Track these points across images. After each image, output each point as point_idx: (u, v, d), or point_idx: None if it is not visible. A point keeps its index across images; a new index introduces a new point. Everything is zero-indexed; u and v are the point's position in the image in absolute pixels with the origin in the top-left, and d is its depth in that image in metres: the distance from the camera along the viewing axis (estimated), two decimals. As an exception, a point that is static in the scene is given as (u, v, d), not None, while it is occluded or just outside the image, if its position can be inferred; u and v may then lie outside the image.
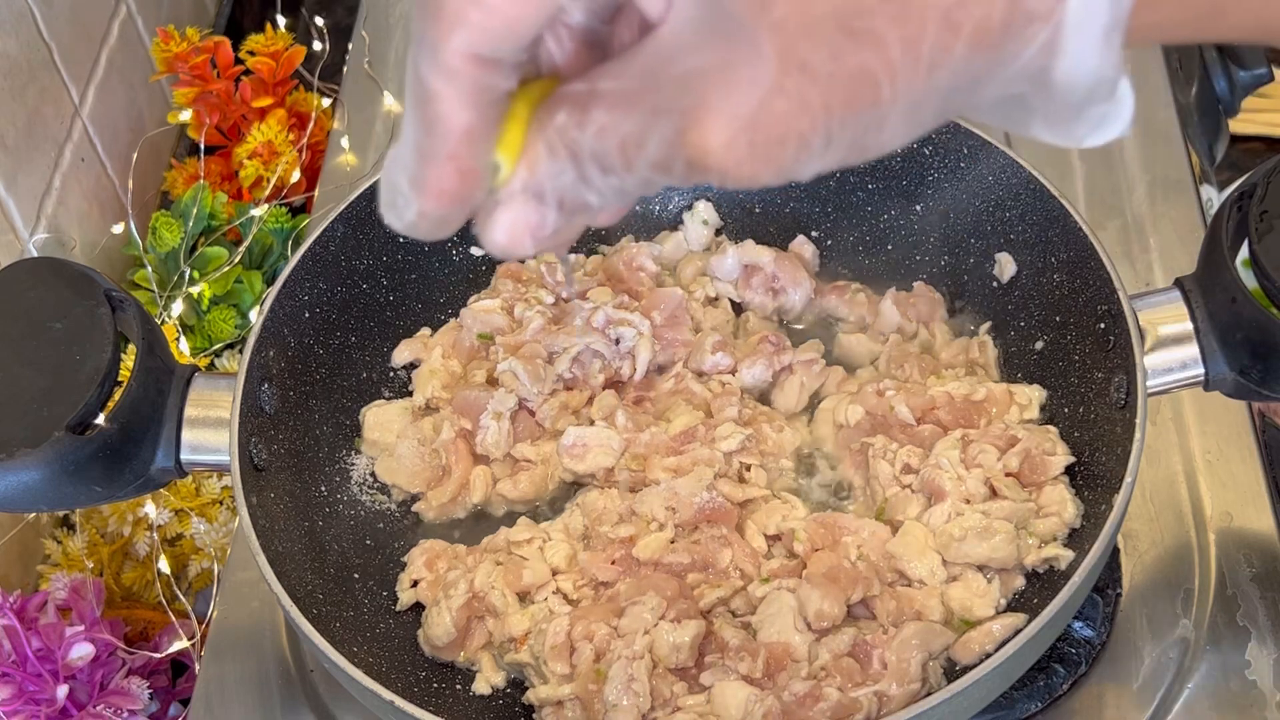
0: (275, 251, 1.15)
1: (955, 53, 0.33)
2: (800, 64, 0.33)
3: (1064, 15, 0.33)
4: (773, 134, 0.34)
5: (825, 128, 0.34)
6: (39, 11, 1.07)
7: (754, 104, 0.33)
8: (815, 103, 0.33)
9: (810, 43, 0.32)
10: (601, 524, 0.77)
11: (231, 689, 0.83)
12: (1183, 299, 0.73)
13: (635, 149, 0.35)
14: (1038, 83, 0.34)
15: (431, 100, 0.36)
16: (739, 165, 0.35)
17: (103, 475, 0.71)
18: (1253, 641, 0.79)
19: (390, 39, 1.26)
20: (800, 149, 0.34)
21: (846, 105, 0.33)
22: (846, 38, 0.32)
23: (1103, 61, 0.34)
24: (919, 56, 0.33)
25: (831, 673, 0.68)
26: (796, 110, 0.33)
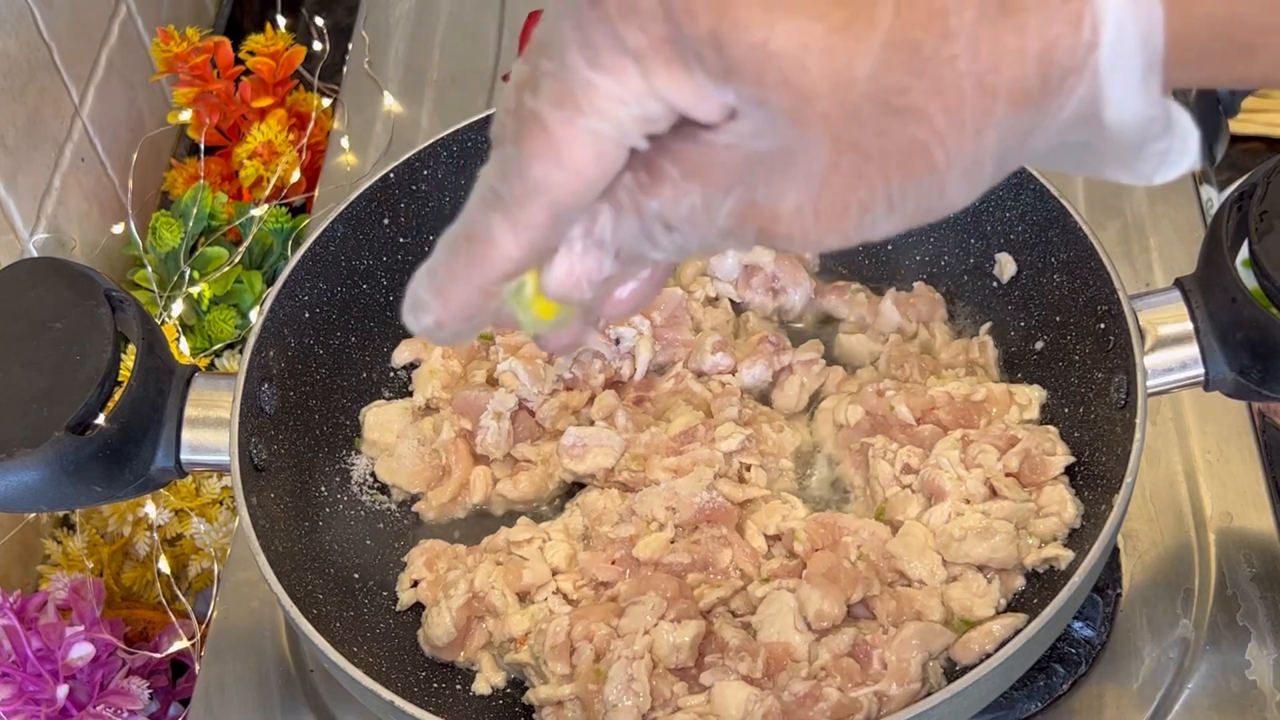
0: (275, 251, 1.15)
1: (997, 113, 0.34)
2: (851, 144, 0.35)
3: (1098, 64, 0.34)
4: (835, 205, 0.36)
5: (885, 196, 0.36)
6: (39, 11, 1.07)
7: (815, 181, 0.36)
8: (872, 175, 0.35)
9: (856, 125, 0.34)
10: (601, 524, 0.77)
11: (231, 689, 0.83)
12: (1183, 299, 0.73)
13: (704, 215, 0.38)
14: (1092, 129, 0.36)
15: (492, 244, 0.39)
16: (805, 234, 0.37)
17: (103, 475, 0.71)
18: (1253, 641, 0.79)
19: (390, 39, 1.26)
20: (863, 216, 0.37)
21: (903, 174, 0.35)
22: (890, 116, 0.34)
23: (1148, 102, 0.35)
24: (962, 122, 0.34)
25: (831, 673, 0.68)
26: (854, 183, 0.36)
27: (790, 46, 0.33)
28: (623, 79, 0.35)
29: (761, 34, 0.33)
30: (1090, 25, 0.33)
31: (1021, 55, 0.33)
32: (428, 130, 1.16)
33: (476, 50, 1.24)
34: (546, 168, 0.37)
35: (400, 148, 1.11)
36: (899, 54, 0.33)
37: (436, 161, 0.89)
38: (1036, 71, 0.34)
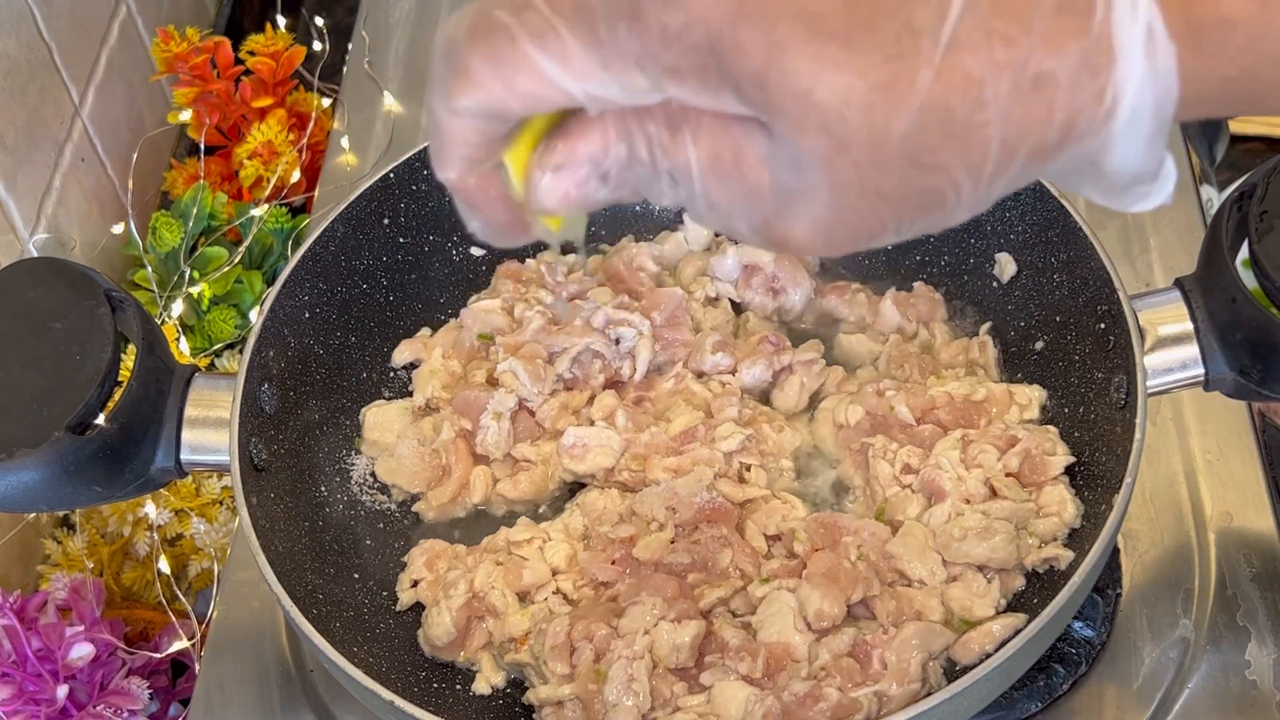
0: (275, 251, 1.15)
1: (1013, 169, 0.37)
2: (874, 190, 0.37)
3: (1111, 129, 0.36)
4: (847, 234, 0.39)
5: (895, 228, 0.38)
6: (39, 11, 1.07)
7: (832, 216, 0.38)
8: (886, 214, 0.38)
9: (881, 175, 0.36)
10: (601, 524, 0.77)
11: (231, 689, 0.83)
12: (1183, 299, 0.73)
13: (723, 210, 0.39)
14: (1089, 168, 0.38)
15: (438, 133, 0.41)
16: (814, 250, 0.39)
17: (103, 475, 0.71)
18: (1253, 641, 0.79)
19: (390, 39, 1.26)
20: (872, 242, 0.39)
21: (916, 213, 0.38)
22: (915, 169, 0.36)
23: (1148, 158, 0.37)
24: (981, 176, 0.36)
25: (831, 673, 0.68)
26: (868, 219, 0.38)
27: (833, 99, 0.35)
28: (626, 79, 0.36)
29: (808, 83, 0.35)
30: (1111, 97, 0.35)
31: (1047, 124, 0.35)
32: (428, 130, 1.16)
33: (476, 50, 1.23)
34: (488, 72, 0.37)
35: (400, 148, 1.11)
36: (934, 117, 0.35)
37: (436, 161, 0.89)
38: (1057, 136, 0.36)
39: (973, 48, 0.34)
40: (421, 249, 0.90)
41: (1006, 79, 0.35)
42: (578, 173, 0.40)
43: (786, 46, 0.34)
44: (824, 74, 0.34)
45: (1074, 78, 0.35)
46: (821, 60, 0.34)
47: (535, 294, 0.88)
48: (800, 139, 0.36)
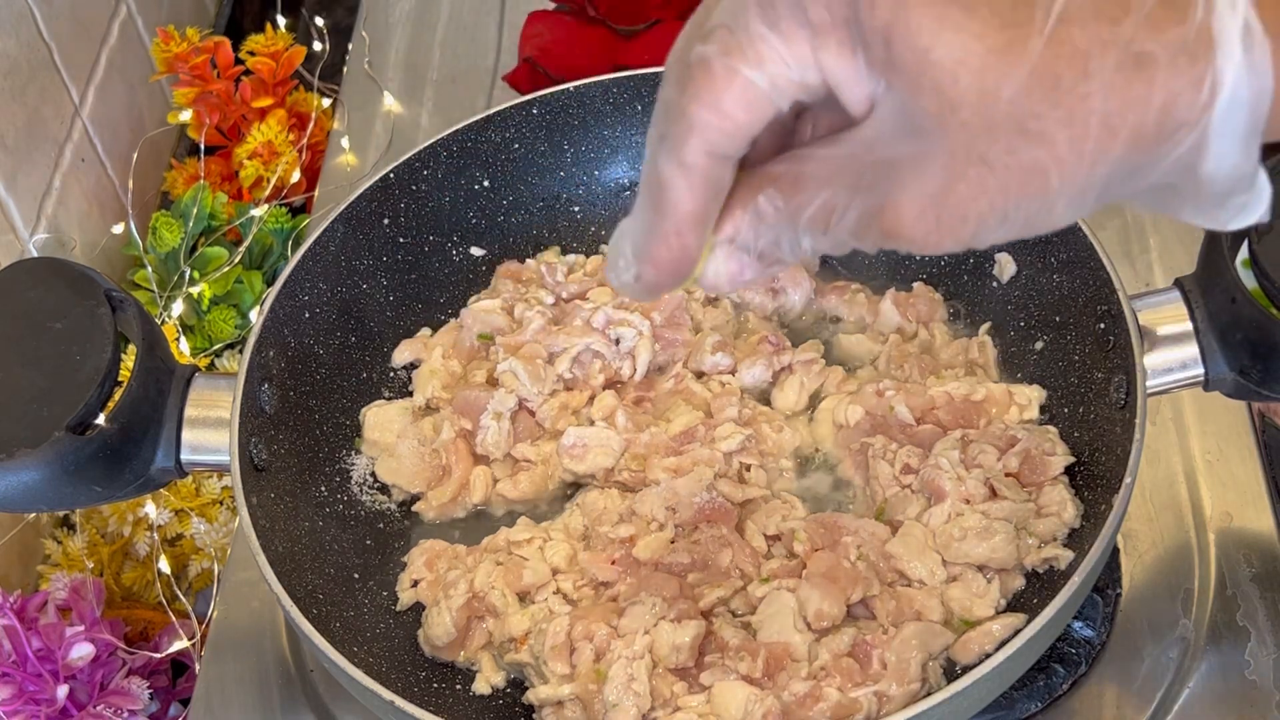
0: (275, 251, 1.15)
1: (1114, 151, 0.38)
2: (980, 156, 0.38)
3: (1210, 122, 0.38)
4: (956, 213, 0.40)
5: (1001, 209, 0.39)
6: (39, 11, 1.07)
7: (940, 187, 0.39)
8: (992, 187, 0.39)
9: (989, 140, 0.38)
10: (601, 524, 0.77)
11: (231, 689, 0.83)
12: (1182, 299, 0.73)
13: (837, 218, 0.42)
14: (1186, 176, 0.39)
15: (666, 188, 0.43)
16: (926, 236, 0.41)
17: (103, 475, 0.71)
18: (1253, 641, 0.79)
19: (390, 39, 1.26)
20: (979, 225, 0.40)
21: (1020, 191, 0.39)
22: (1020, 137, 0.38)
23: (1244, 160, 0.39)
24: (1083, 153, 0.38)
25: (831, 673, 0.68)
26: (976, 194, 0.39)
27: (949, 57, 0.37)
28: (793, 44, 0.40)
29: (928, 40, 0.37)
30: (1210, 87, 0.37)
31: (1147, 104, 0.37)
32: (428, 130, 1.16)
33: (476, 50, 1.24)
34: (703, 109, 0.41)
35: (400, 148, 1.11)
36: (1042, 83, 0.37)
37: (436, 161, 0.89)
38: (1156, 120, 0.38)
39: (1081, 22, 0.37)
40: (421, 249, 0.90)
41: (1112, 54, 0.37)
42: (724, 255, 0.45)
43: (912, 5, 0.37)
44: (943, 33, 0.37)
45: (1173, 61, 0.37)
46: (942, 20, 0.37)
47: (535, 294, 0.88)
48: (915, 97, 0.38)
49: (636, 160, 0.94)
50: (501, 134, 0.91)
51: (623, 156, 0.94)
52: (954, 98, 0.38)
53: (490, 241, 0.92)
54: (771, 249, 0.44)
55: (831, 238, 0.43)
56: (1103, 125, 0.38)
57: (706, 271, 0.45)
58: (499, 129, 0.90)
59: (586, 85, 0.91)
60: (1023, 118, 0.37)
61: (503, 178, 0.92)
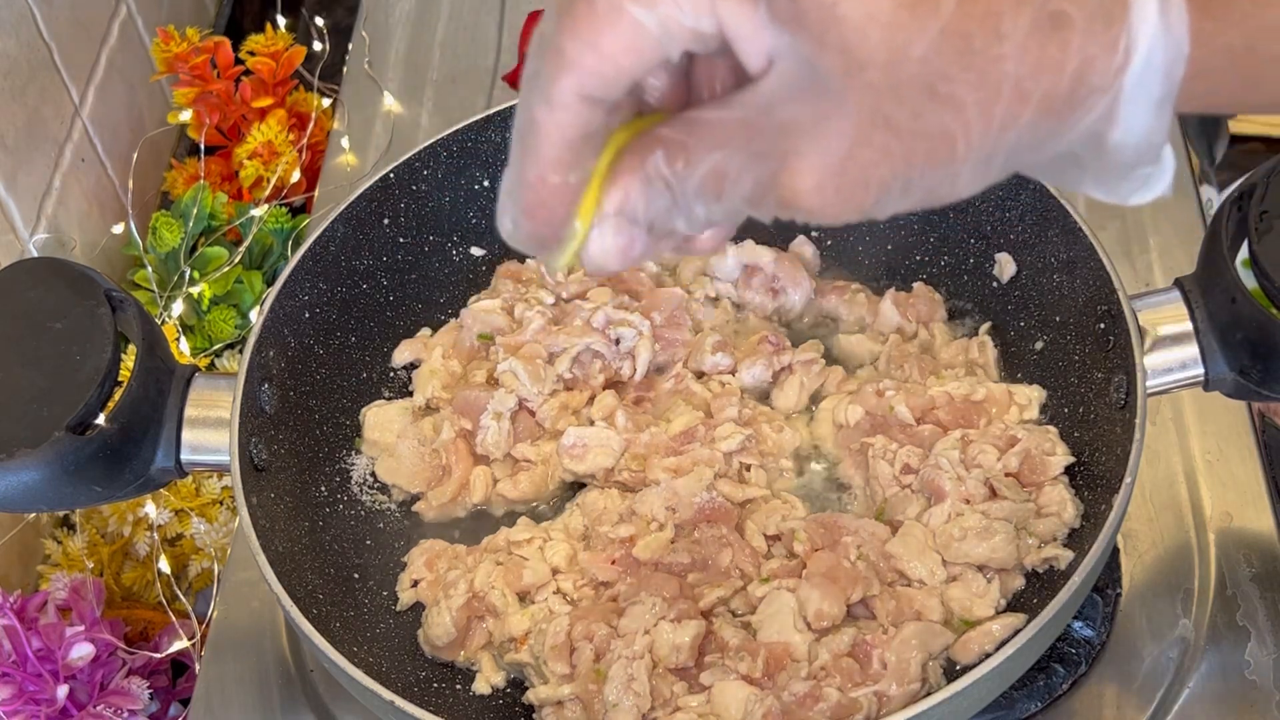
0: (275, 251, 1.15)
1: (1024, 117, 0.37)
2: (885, 120, 0.37)
3: (1121, 87, 0.37)
4: (857, 179, 0.38)
5: (905, 176, 0.38)
6: (39, 11, 1.07)
7: (842, 152, 0.37)
8: (896, 154, 0.37)
9: (896, 102, 0.36)
10: (601, 524, 0.77)
11: (231, 689, 0.83)
12: (1182, 299, 0.73)
13: (730, 184, 0.39)
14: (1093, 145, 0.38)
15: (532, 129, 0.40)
16: (825, 205, 0.39)
17: (103, 475, 0.71)
18: (1253, 641, 0.79)
19: (390, 39, 1.26)
20: (881, 193, 0.38)
21: (925, 158, 0.37)
22: (929, 99, 0.36)
23: (1153, 128, 0.38)
24: (991, 119, 0.36)
25: (831, 673, 0.68)
26: (879, 159, 0.37)
27: (857, 14, 0.35)
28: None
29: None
30: (1124, 50, 0.36)
31: (1061, 67, 0.36)
32: (428, 130, 1.16)
33: (476, 50, 1.24)
34: (580, 45, 0.38)
35: (400, 148, 1.11)
36: (953, 43, 0.35)
37: (436, 161, 0.89)
38: (1069, 85, 0.36)
39: None
40: (421, 249, 0.90)
41: (1026, 14, 0.35)
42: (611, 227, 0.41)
43: None
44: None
45: (1089, 22, 0.36)
46: None
47: (535, 294, 0.88)
48: (819, 54, 0.36)
49: (636, 160, 0.94)
50: (501, 134, 0.90)
51: (623, 156, 0.94)
52: (861, 55, 0.35)
53: (490, 241, 0.92)
54: (663, 219, 0.41)
55: (725, 206, 0.40)
56: (1015, 89, 0.36)
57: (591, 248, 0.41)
58: (499, 129, 0.90)
59: (586, 85, 0.91)
60: (932, 79, 0.36)
61: (503, 178, 0.92)
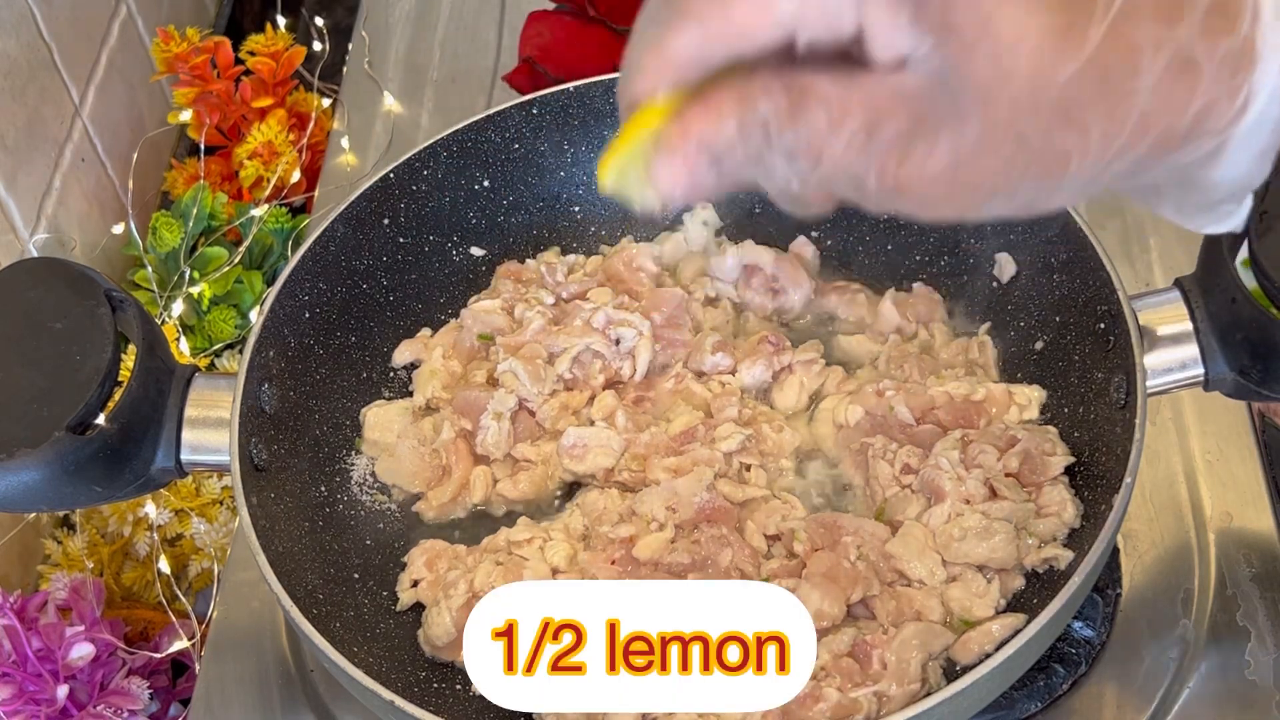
0: (275, 251, 1.15)
1: (1139, 149, 0.38)
2: (1017, 134, 0.38)
3: (1234, 133, 0.39)
4: (973, 180, 0.39)
5: (1016, 186, 0.40)
6: (39, 11, 1.07)
7: (968, 153, 0.39)
8: (1016, 164, 0.39)
9: (1031, 118, 0.38)
10: (601, 524, 0.77)
11: (231, 689, 0.83)
12: (1182, 299, 0.73)
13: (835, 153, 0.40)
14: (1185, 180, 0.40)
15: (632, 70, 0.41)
16: (935, 199, 0.40)
17: (103, 475, 0.71)
18: (1253, 641, 0.79)
19: (390, 39, 1.26)
20: (988, 197, 0.40)
21: (1039, 172, 0.39)
22: (1060, 121, 0.38)
23: (1251, 173, 0.40)
24: (1110, 147, 0.38)
25: (831, 673, 0.68)
26: (999, 166, 0.39)
27: (1010, 29, 0.37)
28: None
29: (990, 9, 0.36)
30: (1244, 98, 0.38)
31: (1185, 108, 0.38)
32: (428, 130, 1.16)
33: (476, 50, 1.24)
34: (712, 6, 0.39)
35: (400, 148, 1.11)
36: (1094, 72, 0.37)
37: (436, 161, 0.89)
38: (1188, 124, 0.38)
39: (1139, 19, 0.37)
40: (421, 249, 0.90)
41: (1164, 55, 0.37)
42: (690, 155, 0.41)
43: None
44: (1007, 6, 0.36)
45: (1218, 69, 0.37)
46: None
47: (535, 294, 0.88)
48: (968, 64, 0.37)
49: (636, 160, 0.94)
50: (501, 134, 0.91)
51: (623, 156, 0.94)
52: (1009, 70, 0.37)
53: (490, 241, 0.92)
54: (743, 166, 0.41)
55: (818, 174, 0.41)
56: (1139, 122, 0.38)
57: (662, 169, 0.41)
58: (499, 129, 0.90)
59: (586, 85, 0.91)
60: (1068, 103, 0.37)
61: (503, 178, 0.92)
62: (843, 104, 0.39)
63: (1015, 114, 0.38)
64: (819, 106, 0.39)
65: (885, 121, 0.39)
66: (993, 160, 0.39)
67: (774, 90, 0.40)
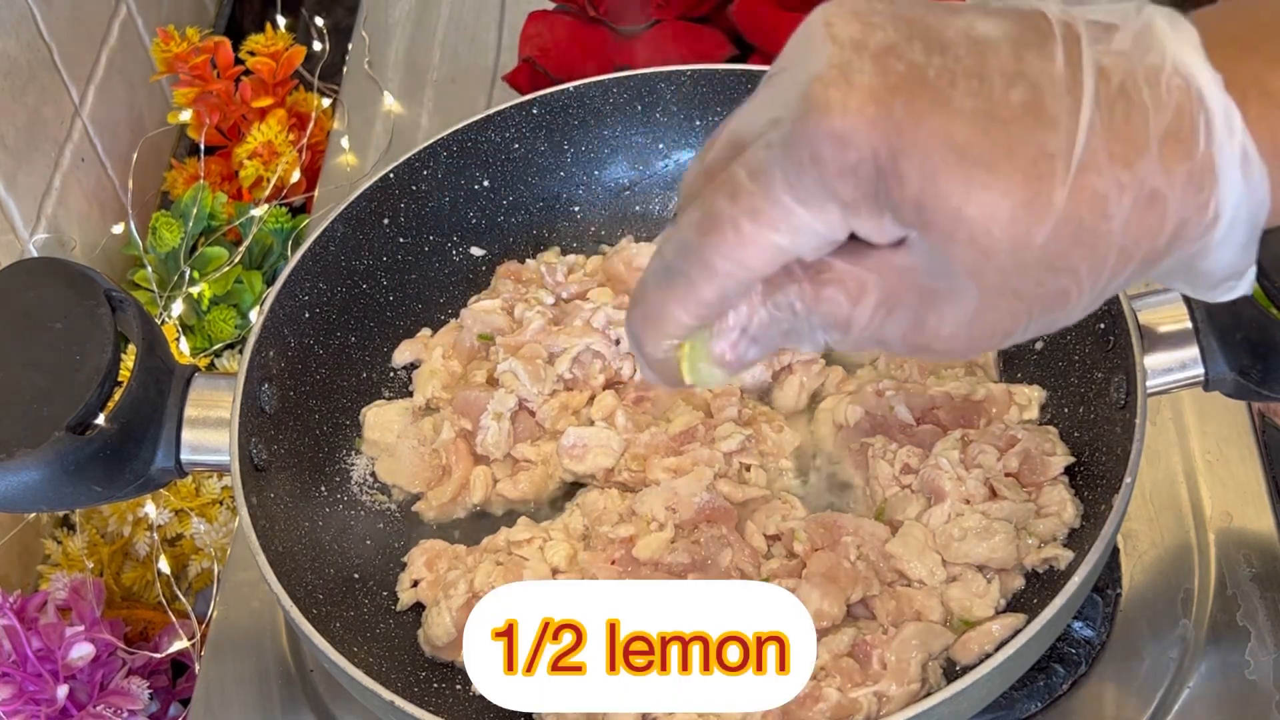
0: (275, 251, 1.15)
1: (1128, 270, 0.42)
2: (1012, 290, 0.42)
3: (1211, 238, 0.42)
4: (986, 331, 0.44)
5: (1026, 325, 0.44)
6: (39, 11, 1.07)
7: (973, 314, 0.43)
8: (1020, 311, 0.43)
9: (1020, 277, 0.41)
10: (601, 524, 0.77)
11: (231, 689, 0.83)
12: (1183, 299, 0.73)
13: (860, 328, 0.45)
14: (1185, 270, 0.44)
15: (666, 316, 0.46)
16: (955, 350, 0.45)
17: (103, 475, 0.71)
18: (1253, 641, 0.79)
19: (390, 39, 1.26)
20: (1005, 338, 0.44)
21: (1044, 310, 0.43)
22: (1049, 272, 0.41)
23: (1239, 260, 0.43)
24: (1100, 275, 0.42)
25: (831, 673, 0.68)
26: (1004, 318, 0.43)
27: (981, 214, 0.40)
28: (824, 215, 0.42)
29: (958, 201, 0.40)
30: (1214, 210, 0.41)
31: (1159, 232, 0.41)
32: (428, 130, 1.16)
33: (476, 50, 1.24)
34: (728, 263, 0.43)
35: (400, 148, 1.11)
36: (1067, 227, 0.40)
37: (436, 161, 0.89)
38: (1165, 243, 0.41)
39: (1098, 170, 0.40)
40: (421, 249, 0.90)
41: (1128, 195, 0.40)
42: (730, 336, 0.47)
43: (939, 173, 0.40)
44: (972, 194, 0.40)
45: (1183, 194, 0.40)
46: (969, 182, 0.40)
47: (535, 294, 0.88)
48: (951, 250, 0.41)
49: (636, 160, 0.94)
50: (501, 134, 0.91)
51: (623, 156, 0.94)
52: (988, 248, 0.40)
53: (490, 241, 0.92)
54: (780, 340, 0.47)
55: (851, 339, 0.45)
56: (1120, 253, 0.41)
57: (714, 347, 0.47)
58: (499, 129, 0.90)
59: (586, 85, 0.91)
60: (1051, 258, 0.41)
61: (503, 178, 0.92)
62: (858, 281, 0.44)
63: (1005, 279, 0.41)
64: (838, 286, 0.44)
65: (896, 300, 0.44)
66: (997, 315, 0.43)
67: (796, 275, 0.44)
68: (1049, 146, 0.39)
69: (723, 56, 1.09)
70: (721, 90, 0.91)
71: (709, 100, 0.92)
